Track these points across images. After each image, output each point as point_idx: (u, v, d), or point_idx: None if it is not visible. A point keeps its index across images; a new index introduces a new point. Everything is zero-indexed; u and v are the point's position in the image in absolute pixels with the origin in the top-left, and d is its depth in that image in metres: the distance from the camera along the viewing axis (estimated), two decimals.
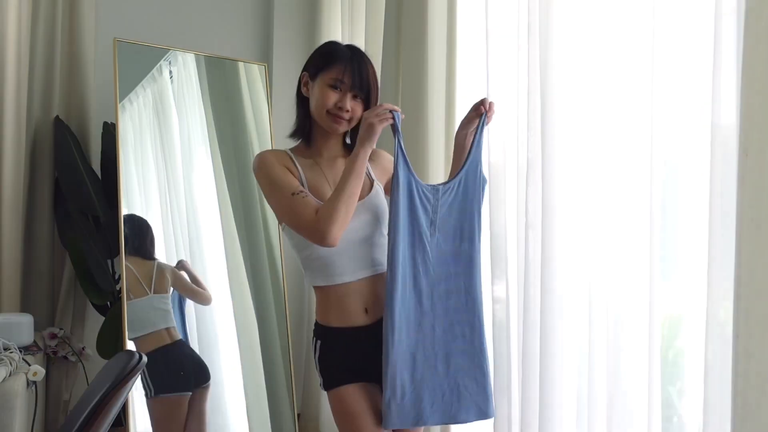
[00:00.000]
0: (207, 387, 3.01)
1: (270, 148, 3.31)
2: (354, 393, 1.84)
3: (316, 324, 1.93)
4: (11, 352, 2.50)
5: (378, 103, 1.88)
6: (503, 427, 2.19)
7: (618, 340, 1.86)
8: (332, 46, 1.95)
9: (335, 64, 1.86)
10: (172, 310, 2.99)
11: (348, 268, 1.85)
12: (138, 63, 3.12)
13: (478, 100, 1.92)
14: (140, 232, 3.04)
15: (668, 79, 1.77)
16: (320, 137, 1.93)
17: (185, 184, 3.20)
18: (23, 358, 2.56)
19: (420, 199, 1.83)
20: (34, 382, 2.51)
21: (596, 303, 1.92)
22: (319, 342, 1.90)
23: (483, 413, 1.90)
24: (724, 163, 1.55)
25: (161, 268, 3.03)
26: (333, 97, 1.85)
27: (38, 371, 2.47)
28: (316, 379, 1.97)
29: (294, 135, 1.96)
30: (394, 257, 1.79)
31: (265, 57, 3.68)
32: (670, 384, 1.88)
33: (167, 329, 2.96)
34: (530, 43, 2.06)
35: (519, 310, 2.13)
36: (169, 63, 3.20)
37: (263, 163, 1.88)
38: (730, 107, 1.54)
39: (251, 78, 3.38)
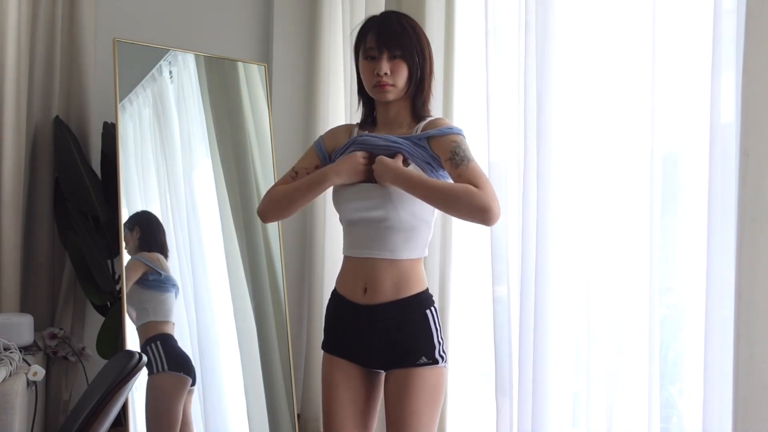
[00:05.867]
0: (193, 390, 2.98)
1: (270, 148, 3.32)
2: (333, 363, 1.87)
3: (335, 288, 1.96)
4: (11, 352, 2.50)
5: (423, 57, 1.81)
6: (504, 427, 2.19)
7: (618, 340, 1.85)
8: (365, 20, 1.87)
9: (365, 36, 1.81)
10: None
11: (357, 243, 1.84)
12: (138, 63, 3.12)
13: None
14: (158, 228, 3.09)
15: (668, 78, 1.77)
16: (382, 109, 1.89)
17: (185, 184, 3.20)
18: (23, 358, 2.56)
19: None
20: (34, 382, 2.51)
21: (596, 303, 1.92)
22: (329, 302, 1.94)
23: None
24: (724, 163, 1.55)
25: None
26: (369, 68, 1.80)
27: (38, 371, 2.47)
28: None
29: (362, 120, 1.95)
30: None
31: (265, 57, 3.68)
32: (670, 384, 1.88)
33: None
34: (527, 42, 2.06)
35: (518, 311, 2.13)
36: (169, 63, 3.20)
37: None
38: (730, 107, 1.54)
39: (251, 78, 3.37)
